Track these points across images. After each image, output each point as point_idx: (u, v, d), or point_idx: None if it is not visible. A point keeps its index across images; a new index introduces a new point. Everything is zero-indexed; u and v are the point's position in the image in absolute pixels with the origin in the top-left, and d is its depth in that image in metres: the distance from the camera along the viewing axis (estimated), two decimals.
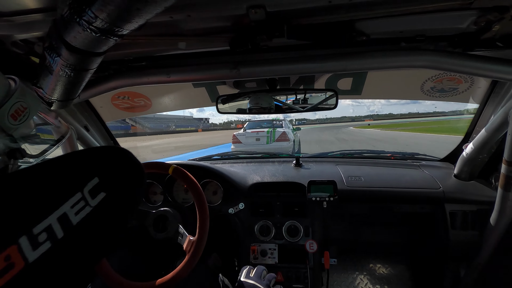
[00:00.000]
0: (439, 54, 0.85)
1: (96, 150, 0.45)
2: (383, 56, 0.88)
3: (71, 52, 0.62)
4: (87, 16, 0.50)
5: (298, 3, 0.67)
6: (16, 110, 0.55)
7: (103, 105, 1.62)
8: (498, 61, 0.83)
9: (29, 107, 0.58)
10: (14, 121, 0.55)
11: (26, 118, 0.57)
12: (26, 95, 0.57)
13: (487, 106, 1.38)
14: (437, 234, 1.46)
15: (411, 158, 1.94)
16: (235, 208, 1.48)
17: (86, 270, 0.37)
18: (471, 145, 1.37)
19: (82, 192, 0.37)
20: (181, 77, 1.02)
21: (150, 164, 1.12)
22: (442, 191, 1.43)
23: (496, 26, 0.74)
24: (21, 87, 0.57)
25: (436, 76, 1.41)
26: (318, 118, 56.63)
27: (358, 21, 0.79)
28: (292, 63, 0.94)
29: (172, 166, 1.09)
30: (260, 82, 1.43)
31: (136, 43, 0.89)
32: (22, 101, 0.56)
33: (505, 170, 1.12)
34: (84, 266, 0.37)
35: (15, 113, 0.55)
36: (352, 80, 1.53)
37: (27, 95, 0.58)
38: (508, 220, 1.19)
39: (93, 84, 1.07)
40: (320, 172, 1.71)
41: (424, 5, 0.69)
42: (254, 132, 7.88)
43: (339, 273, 1.91)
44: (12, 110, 0.54)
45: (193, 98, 1.77)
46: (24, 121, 0.57)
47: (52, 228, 0.33)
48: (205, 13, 0.71)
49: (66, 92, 0.81)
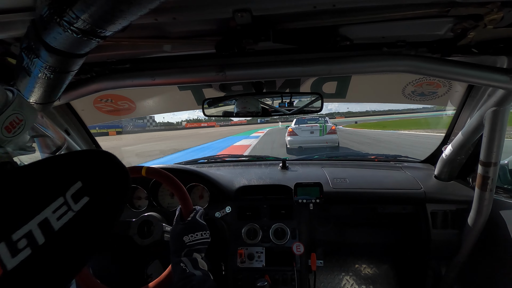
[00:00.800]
0: (419, 59, 0.88)
1: (79, 154, 0.44)
2: (366, 60, 0.90)
3: (50, 54, 0.60)
4: (68, 16, 0.49)
5: (284, 8, 0.68)
6: (11, 122, 0.53)
7: (84, 108, 1.57)
8: (474, 66, 0.87)
9: (25, 119, 0.56)
10: (8, 134, 0.53)
11: (21, 130, 0.55)
12: (24, 107, 0.56)
13: (464, 110, 1.44)
14: (419, 234, 1.50)
15: (394, 160, 1.99)
16: (222, 212, 1.47)
17: (68, 276, 0.36)
18: (449, 146, 1.43)
19: (64, 196, 0.36)
20: (166, 80, 1.00)
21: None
22: (423, 191, 1.47)
23: (471, 33, 0.78)
24: (19, 98, 0.55)
25: (416, 81, 1.46)
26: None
27: (342, 26, 0.81)
28: (278, 67, 0.94)
29: (144, 167, 1.07)
30: (246, 85, 1.43)
31: (120, 45, 0.87)
32: (18, 113, 0.55)
33: (481, 170, 1.17)
34: (67, 273, 0.35)
35: (10, 125, 0.53)
36: (336, 83, 1.56)
37: (25, 107, 0.56)
38: (485, 219, 1.25)
39: (74, 87, 1.03)
40: (306, 174, 1.73)
41: (404, 12, 0.72)
42: (309, 126, 9.45)
43: (326, 274, 1.93)
44: (7, 122, 0.53)
45: (179, 101, 1.75)
46: (19, 134, 0.55)
47: (33, 234, 0.32)
48: (191, 16, 0.71)
49: (46, 95, 0.78)
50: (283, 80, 1.48)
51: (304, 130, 9.52)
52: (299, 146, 9.63)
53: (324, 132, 9.33)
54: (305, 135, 9.44)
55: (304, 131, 9.50)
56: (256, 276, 1.34)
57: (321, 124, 9.53)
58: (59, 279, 0.34)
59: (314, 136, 9.37)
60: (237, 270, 1.38)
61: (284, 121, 39.79)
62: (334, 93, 1.62)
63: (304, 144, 9.56)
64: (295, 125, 9.91)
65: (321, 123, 9.66)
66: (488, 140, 1.11)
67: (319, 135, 9.33)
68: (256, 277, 1.34)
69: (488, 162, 1.14)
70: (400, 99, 1.61)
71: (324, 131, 9.34)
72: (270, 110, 1.42)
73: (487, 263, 1.32)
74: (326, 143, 9.37)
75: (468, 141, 1.31)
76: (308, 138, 9.36)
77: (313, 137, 9.36)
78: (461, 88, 1.41)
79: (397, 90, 1.56)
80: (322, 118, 10.60)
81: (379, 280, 1.89)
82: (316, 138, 9.32)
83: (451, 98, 1.51)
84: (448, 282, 1.49)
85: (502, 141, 1.11)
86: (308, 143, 9.48)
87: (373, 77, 1.53)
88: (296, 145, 9.66)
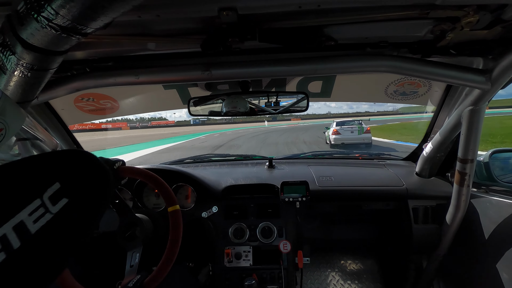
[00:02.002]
0: (400, 60, 0.91)
1: (57, 154, 0.42)
2: (350, 60, 0.92)
3: (27, 50, 0.57)
4: (47, 12, 0.47)
5: (269, 7, 0.68)
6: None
7: (65, 108, 1.51)
8: (452, 67, 0.91)
9: (7, 128, 0.52)
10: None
11: (1, 140, 0.52)
12: (6, 114, 0.52)
13: (443, 109, 1.49)
14: (401, 229, 1.55)
15: (377, 157, 2.04)
16: (209, 212, 1.46)
17: (46, 280, 0.34)
18: (430, 144, 1.48)
19: (41, 198, 0.35)
20: (150, 78, 0.98)
21: None
22: (405, 188, 1.52)
23: (449, 35, 0.81)
24: (2, 102, 0.51)
25: (398, 80, 1.50)
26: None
27: (326, 26, 0.82)
28: (264, 66, 0.95)
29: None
30: (232, 84, 1.42)
31: (102, 42, 0.85)
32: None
33: (459, 167, 1.22)
34: (45, 277, 0.34)
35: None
36: (321, 83, 1.58)
37: (7, 114, 0.52)
38: (463, 214, 1.30)
39: (54, 85, 0.99)
40: (292, 173, 1.75)
41: (387, 13, 0.74)
42: (349, 127, 12.31)
43: (312, 271, 1.96)
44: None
45: (164, 100, 1.72)
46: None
47: (7, 238, 0.30)
48: (175, 14, 0.70)
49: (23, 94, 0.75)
50: (269, 79, 1.48)
51: (346, 130, 12.22)
52: (341, 142, 12.17)
53: (361, 132, 12.06)
54: (347, 134, 12.15)
55: (346, 131, 12.20)
56: (243, 275, 1.34)
57: (359, 126, 12.26)
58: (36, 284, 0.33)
59: (353, 135, 12.04)
60: (225, 269, 1.37)
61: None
62: (319, 92, 1.65)
63: (346, 141, 12.08)
64: (337, 126, 12.55)
65: (359, 125, 12.36)
66: (465, 138, 1.15)
67: (357, 134, 12.04)
68: (243, 276, 1.34)
69: (465, 159, 1.18)
70: (383, 98, 1.66)
71: (361, 131, 12.06)
72: (256, 109, 1.42)
73: (465, 256, 1.38)
74: (363, 140, 11.98)
75: (447, 139, 1.36)
76: (350, 136, 12.06)
77: (353, 135, 12.04)
78: (440, 88, 1.47)
79: (380, 90, 1.60)
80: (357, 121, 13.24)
81: (364, 275, 1.93)
82: (356, 136, 11.99)
83: (431, 97, 1.57)
84: (429, 275, 1.54)
85: (478, 138, 1.15)
86: (349, 140, 12.05)
87: (357, 77, 1.56)
88: (339, 142, 12.21)
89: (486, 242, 1.26)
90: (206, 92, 1.54)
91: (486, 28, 0.78)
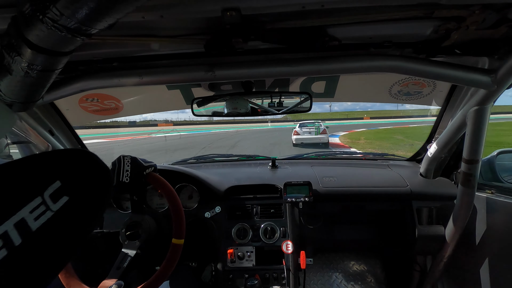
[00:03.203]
0: (405, 60, 0.90)
1: (58, 153, 0.43)
2: (354, 60, 0.92)
3: (33, 52, 0.57)
4: (51, 13, 0.47)
5: (273, 8, 0.68)
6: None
7: (69, 108, 1.53)
8: (457, 67, 0.90)
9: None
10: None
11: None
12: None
13: (448, 109, 1.48)
14: (405, 230, 1.54)
15: (381, 158, 2.03)
16: (212, 212, 1.47)
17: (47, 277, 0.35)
18: (434, 145, 1.47)
19: (42, 196, 0.35)
20: (154, 79, 0.99)
21: None
22: (409, 189, 1.51)
23: (454, 35, 0.81)
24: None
25: (402, 80, 1.49)
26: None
27: (330, 26, 0.82)
28: (267, 66, 0.95)
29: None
30: (235, 84, 1.43)
31: (106, 43, 0.86)
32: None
33: (464, 168, 1.21)
34: (46, 274, 0.34)
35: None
36: (325, 83, 1.57)
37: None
38: (468, 215, 1.29)
39: (59, 86, 1.00)
40: (295, 173, 1.74)
41: (391, 13, 0.73)
42: (308, 128, 13.74)
43: (315, 272, 1.95)
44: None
45: (167, 101, 1.73)
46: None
47: (8, 234, 0.31)
48: (179, 14, 0.70)
49: (28, 94, 0.75)
50: (272, 80, 1.48)
51: (305, 131, 13.68)
52: (301, 142, 13.46)
53: (318, 133, 13.43)
54: (306, 134, 13.58)
55: (305, 132, 13.66)
56: (246, 276, 1.34)
57: (316, 127, 13.65)
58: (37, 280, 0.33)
59: (311, 135, 13.47)
60: (228, 270, 1.38)
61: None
62: (323, 92, 1.64)
63: (305, 141, 13.36)
64: (298, 128, 13.99)
65: (316, 126, 13.79)
66: (470, 138, 1.14)
67: (315, 134, 13.43)
68: (246, 276, 1.34)
69: (470, 159, 1.17)
70: (387, 98, 1.65)
71: (318, 132, 13.47)
72: (259, 110, 1.42)
73: (470, 257, 1.37)
74: (320, 140, 13.27)
75: (451, 140, 1.35)
76: (308, 136, 13.48)
77: (311, 136, 13.46)
78: (445, 87, 1.45)
79: (384, 90, 1.59)
80: (317, 123, 14.57)
81: (367, 276, 1.92)
82: (313, 137, 13.42)
83: (436, 97, 1.55)
84: (433, 276, 1.53)
85: (483, 139, 1.14)
86: (307, 140, 13.37)
87: (361, 77, 1.55)
88: (299, 142, 13.52)
89: (492, 243, 1.24)
90: (210, 92, 1.55)
91: (492, 27, 0.77)
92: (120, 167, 0.95)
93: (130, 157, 0.98)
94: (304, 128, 13.89)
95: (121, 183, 0.93)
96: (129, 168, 0.96)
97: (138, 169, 0.99)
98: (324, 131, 13.58)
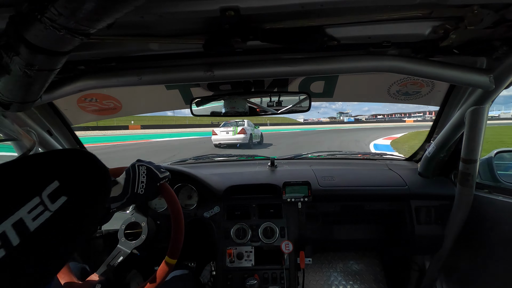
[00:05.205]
0: (403, 60, 0.90)
1: (56, 153, 0.43)
2: (353, 60, 0.92)
3: (31, 51, 0.57)
4: (50, 13, 0.47)
5: (272, 7, 0.68)
6: None
7: (68, 108, 1.52)
8: (455, 66, 0.90)
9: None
10: None
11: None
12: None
13: (446, 109, 1.49)
14: (404, 229, 1.54)
15: (379, 158, 2.03)
16: (211, 212, 1.47)
17: (46, 277, 0.35)
18: (433, 144, 1.47)
19: (40, 196, 0.35)
20: (153, 78, 0.99)
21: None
22: (408, 188, 1.51)
23: (453, 35, 0.81)
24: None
25: (401, 80, 1.49)
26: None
27: (329, 26, 0.82)
28: (266, 66, 0.95)
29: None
30: (234, 84, 1.42)
31: (105, 43, 0.85)
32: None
33: (462, 167, 1.22)
34: (44, 274, 0.34)
35: None
36: (324, 83, 1.57)
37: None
38: (466, 214, 1.29)
39: (57, 86, 1.00)
40: (294, 173, 1.74)
41: (389, 14, 0.73)
42: (225, 129, 13.23)
43: (314, 272, 1.95)
44: None
45: (166, 100, 1.72)
46: None
47: (7, 235, 0.31)
48: (178, 14, 0.70)
49: (26, 94, 0.75)
50: (271, 80, 1.48)
51: (223, 131, 13.22)
52: (219, 143, 13.17)
53: (235, 133, 12.91)
54: (224, 134, 13.15)
55: (223, 132, 13.20)
56: (245, 276, 1.34)
57: (234, 127, 13.13)
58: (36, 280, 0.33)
59: (228, 136, 13.00)
60: (227, 269, 1.38)
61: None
62: (322, 92, 1.64)
63: (222, 141, 13.09)
64: (217, 128, 13.58)
65: (234, 126, 13.23)
66: (468, 138, 1.15)
67: (232, 135, 12.96)
68: (245, 276, 1.34)
69: (468, 159, 1.18)
70: (386, 98, 1.65)
71: (235, 132, 12.93)
72: (258, 110, 1.42)
73: (468, 256, 1.37)
74: (237, 141, 12.85)
75: (450, 139, 1.36)
76: (225, 137, 13.04)
77: (228, 136, 13.00)
78: (443, 87, 1.46)
79: (383, 90, 1.59)
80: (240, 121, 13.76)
81: (366, 275, 1.93)
82: (230, 137, 12.95)
83: (434, 97, 1.56)
84: (432, 275, 1.53)
85: (482, 138, 1.15)
86: (224, 140, 13.04)
87: (360, 77, 1.55)
88: (217, 142, 13.20)
89: (490, 242, 1.25)
90: (209, 92, 1.54)
91: (490, 27, 0.77)
92: (135, 178, 0.90)
93: (146, 168, 0.94)
94: (221, 128, 13.44)
95: (135, 194, 0.88)
96: (144, 180, 0.91)
97: (153, 181, 0.95)
98: (242, 130, 12.93)
